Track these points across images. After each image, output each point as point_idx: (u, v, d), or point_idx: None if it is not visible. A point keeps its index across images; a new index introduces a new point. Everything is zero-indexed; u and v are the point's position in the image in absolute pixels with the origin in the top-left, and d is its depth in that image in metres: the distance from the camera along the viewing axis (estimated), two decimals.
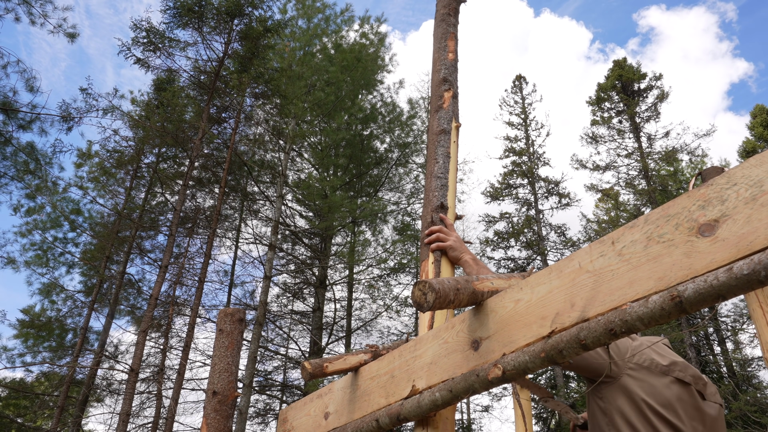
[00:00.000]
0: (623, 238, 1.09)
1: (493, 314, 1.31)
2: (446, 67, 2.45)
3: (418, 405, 1.39)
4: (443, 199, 2.10)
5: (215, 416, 2.07)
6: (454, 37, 2.56)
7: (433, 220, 2.06)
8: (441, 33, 2.57)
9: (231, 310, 2.28)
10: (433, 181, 2.15)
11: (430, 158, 2.23)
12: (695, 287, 0.91)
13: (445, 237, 1.99)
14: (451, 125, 2.29)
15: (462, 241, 2.01)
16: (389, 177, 18.53)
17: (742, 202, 0.93)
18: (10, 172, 11.91)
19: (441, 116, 2.31)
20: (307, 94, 14.65)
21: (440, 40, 2.55)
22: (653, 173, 20.33)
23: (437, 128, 2.29)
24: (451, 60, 2.48)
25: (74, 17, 36.50)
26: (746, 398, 14.43)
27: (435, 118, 2.33)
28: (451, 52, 2.50)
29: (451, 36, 2.55)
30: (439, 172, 2.16)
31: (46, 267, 15.17)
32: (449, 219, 2.08)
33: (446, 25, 2.59)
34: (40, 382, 15.48)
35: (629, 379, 1.53)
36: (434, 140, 2.26)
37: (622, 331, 1.00)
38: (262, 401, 15.84)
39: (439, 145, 2.24)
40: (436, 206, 2.08)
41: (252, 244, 16.65)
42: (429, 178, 2.18)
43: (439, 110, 2.34)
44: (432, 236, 2.01)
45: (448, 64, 2.46)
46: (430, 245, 2.01)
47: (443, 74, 2.43)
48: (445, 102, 2.35)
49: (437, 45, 2.55)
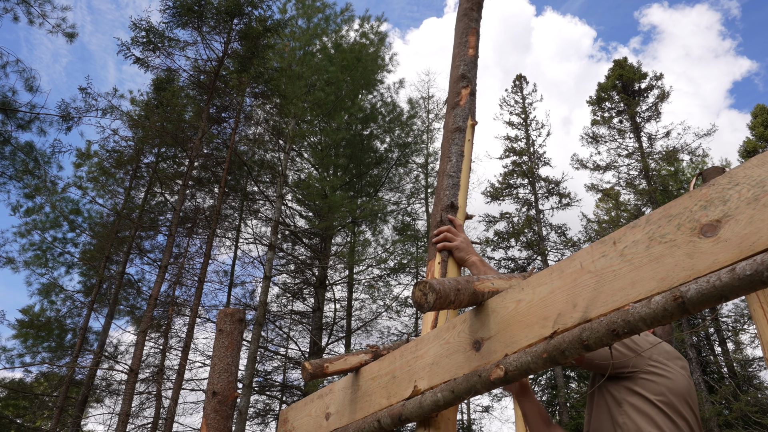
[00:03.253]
0: (625, 239, 1.09)
1: (495, 315, 1.31)
2: (465, 63, 2.40)
3: (420, 405, 1.39)
4: (454, 198, 2.07)
5: (215, 416, 2.07)
6: (476, 33, 2.51)
7: (442, 219, 2.04)
8: (463, 28, 2.52)
9: (231, 310, 2.28)
10: (444, 180, 2.11)
11: (444, 156, 2.20)
12: (698, 288, 0.91)
13: (452, 237, 1.98)
14: (466, 123, 2.25)
15: (470, 242, 2.00)
16: (389, 177, 18.53)
17: (745, 203, 0.92)
18: (9, 171, 11.91)
19: (457, 113, 2.27)
20: (307, 94, 14.64)
21: (461, 35, 2.50)
22: (654, 173, 20.33)
23: (452, 125, 2.25)
24: (471, 56, 2.43)
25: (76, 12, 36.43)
26: (747, 398, 14.43)
27: (451, 115, 2.28)
28: (471, 48, 2.45)
29: (472, 31, 2.50)
30: (451, 170, 2.12)
31: (46, 267, 15.15)
32: (459, 219, 2.06)
33: (468, 20, 2.53)
34: (39, 382, 15.47)
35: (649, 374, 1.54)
36: (449, 137, 2.22)
37: (625, 332, 0.99)
38: (261, 401, 15.84)
39: (453, 143, 2.20)
40: (446, 205, 2.06)
41: (252, 244, 16.65)
42: (441, 176, 2.15)
43: (456, 107, 2.29)
44: (440, 236, 2.00)
45: (467, 60, 2.41)
46: (437, 245, 2.00)
47: (462, 70, 2.38)
48: (462, 99, 2.31)
49: (458, 40, 2.49)
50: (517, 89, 24.29)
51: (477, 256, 1.96)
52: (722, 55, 63.21)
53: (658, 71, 27.36)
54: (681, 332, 16.45)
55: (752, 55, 64.28)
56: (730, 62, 62.83)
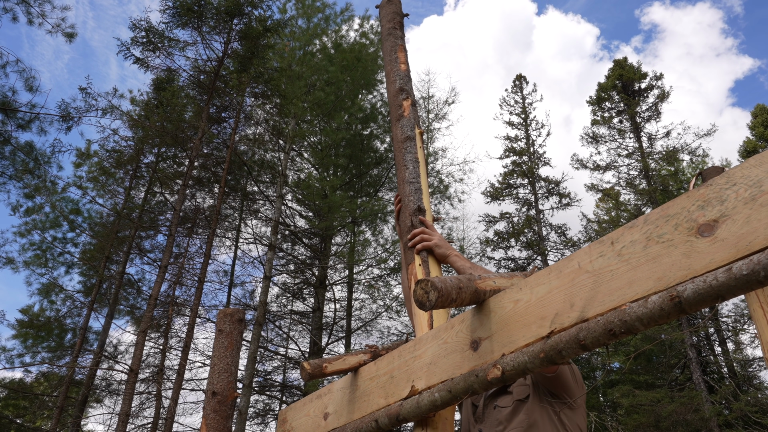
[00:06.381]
0: (622, 239, 1.09)
1: (493, 314, 1.31)
2: (400, 78, 2.54)
3: (418, 405, 1.39)
4: (419, 202, 2.15)
5: (215, 416, 2.07)
6: (403, 49, 2.69)
7: (413, 223, 2.10)
8: (390, 46, 2.68)
9: (230, 310, 2.28)
10: (406, 187, 2.20)
11: (400, 165, 2.29)
12: (694, 287, 0.91)
13: (429, 237, 2.02)
14: (414, 132, 2.36)
15: (445, 239, 2.05)
16: (389, 177, 18.53)
17: (742, 203, 0.93)
18: (9, 171, 11.91)
19: (404, 124, 2.38)
20: (306, 94, 14.64)
21: (390, 53, 2.65)
22: (654, 173, 20.33)
23: (401, 136, 2.35)
24: (404, 70, 2.58)
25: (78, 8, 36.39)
26: (747, 399, 14.44)
27: (398, 127, 2.40)
28: (402, 63, 2.60)
29: (400, 48, 2.67)
30: (411, 177, 2.21)
31: (45, 267, 15.15)
32: (428, 221, 2.12)
33: (394, 38, 2.71)
34: (39, 382, 15.47)
35: (581, 408, 1.90)
36: (401, 148, 2.33)
37: (621, 332, 1.00)
38: (261, 401, 15.84)
39: (406, 152, 2.30)
40: (413, 210, 2.12)
41: (252, 244, 16.65)
42: (402, 184, 2.24)
43: (401, 119, 2.41)
44: (416, 238, 2.04)
45: (401, 74, 2.55)
46: (414, 248, 2.04)
47: (399, 84, 2.51)
48: (405, 110, 2.43)
49: (388, 58, 2.65)
50: (517, 89, 24.30)
51: (455, 251, 2.02)
52: (724, 53, 63.23)
53: (659, 71, 27.37)
54: (681, 332, 16.45)
55: (754, 53, 64.23)
56: (732, 60, 62.84)
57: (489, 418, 1.88)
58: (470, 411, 1.98)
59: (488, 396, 1.95)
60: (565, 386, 1.80)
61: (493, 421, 1.85)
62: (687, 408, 14.43)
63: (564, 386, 1.80)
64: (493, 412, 1.88)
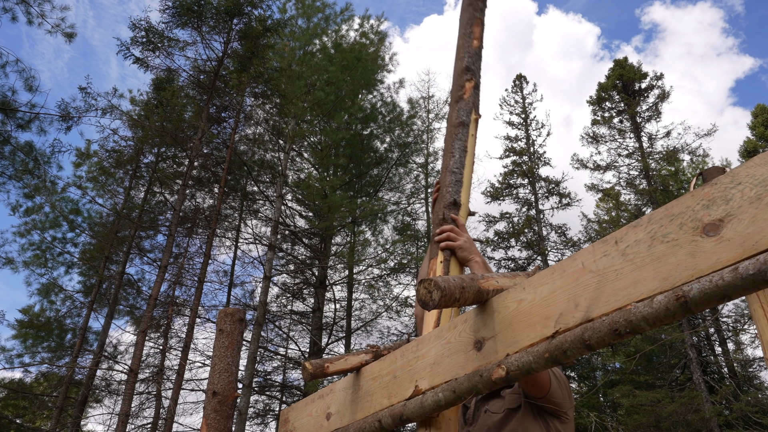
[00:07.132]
0: (627, 238, 1.08)
1: (496, 314, 1.30)
2: (470, 56, 2.29)
3: (421, 405, 1.38)
4: (456, 195, 2.01)
5: (215, 417, 2.06)
6: (480, 23, 2.38)
7: (444, 217, 1.98)
8: (467, 18, 2.39)
9: (231, 309, 2.27)
10: (447, 176, 2.04)
11: (447, 151, 2.11)
12: (700, 287, 0.90)
13: (456, 237, 1.93)
14: (470, 117, 2.16)
15: (473, 241, 1.96)
16: (389, 177, 18.53)
17: (747, 202, 0.92)
18: (9, 171, 11.90)
19: (461, 107, 2.17)
20: (306, 94, 14.63)
21: (466, 26, 2.38)
22: (654, 173, 20.33)
23: (456, 120, 2.15)
24: (476, 48, 2.33)
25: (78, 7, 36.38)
26: (747, 399, 14.44)
27: (454, 109, 2.19)
28: (476, 39, 2.33)
29: (477, 22, 2.38)
30: (454, 166, 2.04)
31: (45, 267, 15.15)
32: (461, 216, 2.01)
33: (473, 9, 2.41)
34: (39, 382, 15.46)
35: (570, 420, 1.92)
36: (452, 132, 2.14)
37: (627, 332, 0.99)
38: (261, 402, 15.84)
39: (456, 138, 2.12)
40: (449, 202, 1.99)
41: (252, 244, 16.65)
42: (444, 172, 2.07)
43: (459, 101, 2.20)
44: (443, 235, 1.95)
45: (472, 52, 2.30)
46: (440, 243, 1.95)
47: (466, 62, 2.27)
48: (467, 93, 2.21)
49: (462, 31, 2.37)
50: (517, 89, 24.29)
51: (480, 256, 1.92)
52: (725, 53, 63.23)
53: (659, 71, 27.37)
54: (681, 332, 16.45)
55: (755, 52, 64.17)
56: (733, 60, 62.83)
57: (479, 422, 1.87)
58: (461, 412, 1.96)
59: (480, 398, 1.94)
60: (556, 403, 1.82)
61: (483, 426, 1.84)
62: (687, 408, 14.43)
63: (555, 404, 1.81)
64: (483, 415, 1.87)
